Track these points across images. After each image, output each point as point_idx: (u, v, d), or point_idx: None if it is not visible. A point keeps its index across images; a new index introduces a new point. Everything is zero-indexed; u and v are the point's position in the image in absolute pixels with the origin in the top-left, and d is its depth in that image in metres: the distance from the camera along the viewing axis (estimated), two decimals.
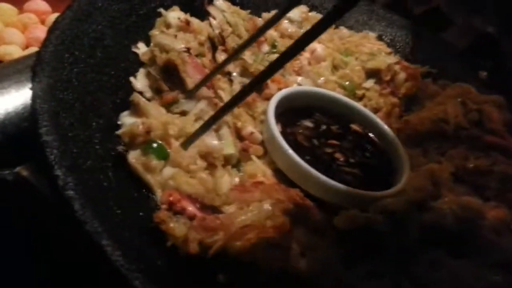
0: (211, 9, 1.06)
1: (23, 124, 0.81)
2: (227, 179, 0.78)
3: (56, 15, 1.36)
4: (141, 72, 0.91)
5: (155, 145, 0.72)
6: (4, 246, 0.86)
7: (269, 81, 0.97)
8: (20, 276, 0.86)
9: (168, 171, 0.71)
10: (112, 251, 0.54)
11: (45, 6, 1.42)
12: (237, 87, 0.93)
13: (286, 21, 1.17)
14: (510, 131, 1.01)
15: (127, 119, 0.81)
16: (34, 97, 0.69)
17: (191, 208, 0.65)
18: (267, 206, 0.66)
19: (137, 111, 0.81)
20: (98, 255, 0.55)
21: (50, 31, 0.83)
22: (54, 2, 1.42)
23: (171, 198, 0.64)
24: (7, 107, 0.82)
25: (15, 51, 1.24)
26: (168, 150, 0.74)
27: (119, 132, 0.76)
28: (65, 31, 0.84)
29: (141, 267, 0.54)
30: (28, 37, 1.32)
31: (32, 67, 0.75)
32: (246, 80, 0.96)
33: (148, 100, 0.86)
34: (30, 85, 0.73)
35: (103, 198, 0.62)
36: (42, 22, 1.39)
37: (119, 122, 0.80)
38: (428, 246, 0.74)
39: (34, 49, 1.28)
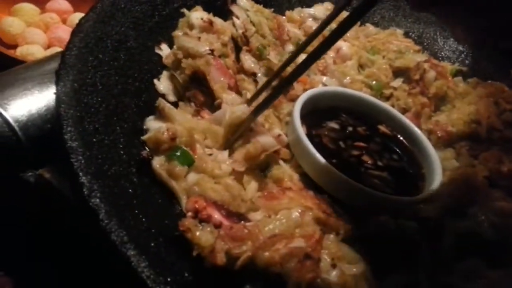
0: (234, 9, 1.04)
1: (46, 126, 0.81)
2: (253, 185, 0.76)
3: (77, 14, 1.37)
4: (165, 75, 0.90)
5: (179, 152, 0.70)
6: (24, 246, 0.87)
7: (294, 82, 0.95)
8: (37, 275, 0.86)
9: (193, 177, 0.70)
10: (138, 262, 0.53)
11: (67, 6, 1.42)
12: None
13: (311, 19, 1.14)
14: None
15: (152, 124, 0.79)
16: (58, 102, 0.68)
17: (216, 216, 0.63)
18: (295, 214, 0.64)
19: (162, 116, 0.80)
20: (124, 265, 0.54)
21: (74, 33, 0.82)
22: (76, 1, 1.42)
23: (196, 206, 0.63)
24: (30, 108, 0.81)
25: (37, 51, 1.24)
26: (195, 156, 0.72)
27: (144, 137, 0.75)
28: (89, 33, 0.83)
29: (168, 279, 0.53)
30: (50, 37, 1.32)
31: (56, 71, 0.74)
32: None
33: (172, 103, 0.85)
34: (53, 87, 0.72)
35: (128, 206, 0.61)
36: (64, 21, 1.39)
37: (144, 127, 0.78)
38: (464, 255, 0.71)
39: (56, 49, 1.28)
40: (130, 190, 0.65)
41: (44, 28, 1.34)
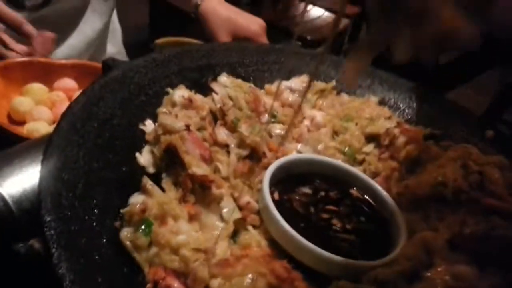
0: (214, 85, 1.14)
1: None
2: (219, 252, 0.80)
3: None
4: (146, 149, 0.98)
5: (144, 225, 0.77)
6: None
7: (266, 150, 1.02)
8: None
9: (154, 248, 0.76)
10: None
11: (73, 84, 1.56)
12: (234, 158, 0.98)
13: (288, 91, 1.23)
14: None
15: (135, 199, 0.86)
16: (40, 179, 0.77)
17: (176, 285, 0.68)
18: (247, 281, 0.68)
19: (144, 192, 0.87)
20: None
21: (63, 116, 0.92)
22: (81, 79, 1.56)
23: (156, 276, 0.68)
24: (24, 184, 0.90)
25: (42, 127, 1.36)
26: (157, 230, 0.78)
27: (123, 210, 0.82)
28: (77, 115, 0.93)
29: None
30: (56, 113, 1.44)
31: (43, 151, 0.84)
32: (243, 152, 1.01)
33: (152, 174, 0.92)
34: None
35: (93, 275, 0.67)
36: (70, 98, 1.52)
37: (129, 202, 0.85)
38: None
39: None
40: (98, 260, 0.71)
41: (51, 105, 1.47)
